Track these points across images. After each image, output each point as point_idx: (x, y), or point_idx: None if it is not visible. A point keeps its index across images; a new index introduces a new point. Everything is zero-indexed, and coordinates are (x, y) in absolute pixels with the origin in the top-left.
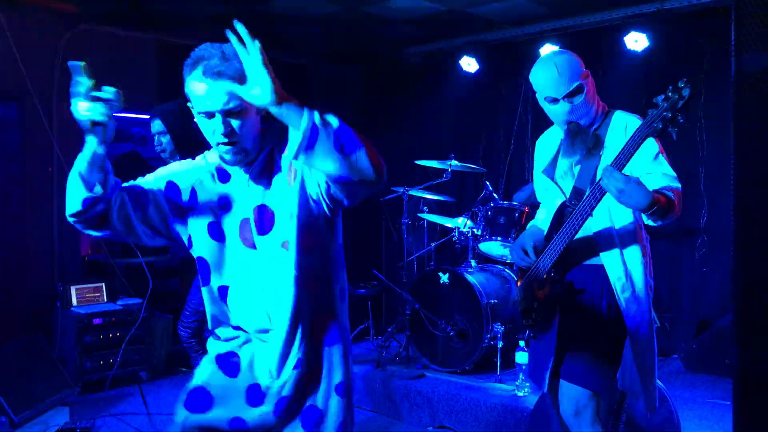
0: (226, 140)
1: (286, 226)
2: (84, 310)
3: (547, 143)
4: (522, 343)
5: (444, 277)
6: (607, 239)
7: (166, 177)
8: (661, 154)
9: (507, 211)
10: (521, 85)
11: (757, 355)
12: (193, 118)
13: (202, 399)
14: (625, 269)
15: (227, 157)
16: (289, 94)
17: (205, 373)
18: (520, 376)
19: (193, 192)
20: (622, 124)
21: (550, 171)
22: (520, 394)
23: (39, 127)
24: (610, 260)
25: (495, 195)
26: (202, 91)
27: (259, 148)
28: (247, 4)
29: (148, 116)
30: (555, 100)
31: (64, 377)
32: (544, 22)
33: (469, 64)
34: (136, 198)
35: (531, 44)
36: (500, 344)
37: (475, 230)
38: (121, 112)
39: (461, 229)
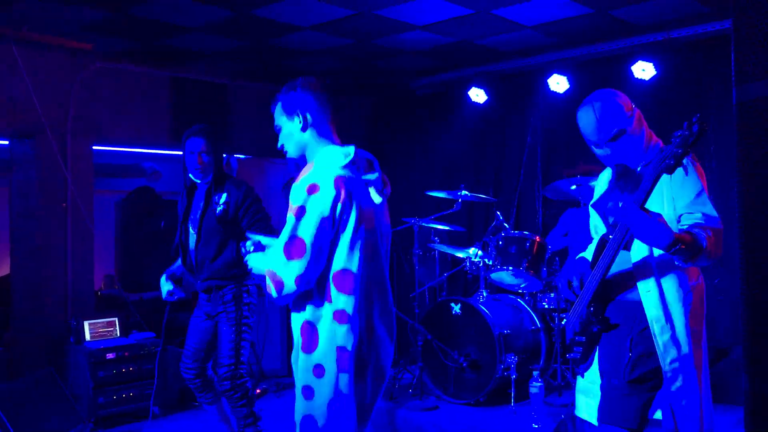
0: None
1: None
2: (97, 344)
3: (604, 178)
4: (536, 374)
5: (456, 308)
6: (644, 269)
7: None
8: (704, 193)
9: (518, 241)
10: (530, 114)
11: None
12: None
13: None
14: (663, 307)
15: None
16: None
17: None
18: (534, 407)
19: None
20: None
21: (602, 205)
22: (535, 426)
23: (53, 164)
24: (646, 295)
25: (506, 224)
26: None
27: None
28: (260, 38)
29: (162, 151)
30: (598, 145)
31: (77, 412)
32: (551, 52)
33: (477, 94)
34: None
35: (539, 74)
36: (514, 375)
37: (486, 260)
38: (136, 148)
39: (472, 259)
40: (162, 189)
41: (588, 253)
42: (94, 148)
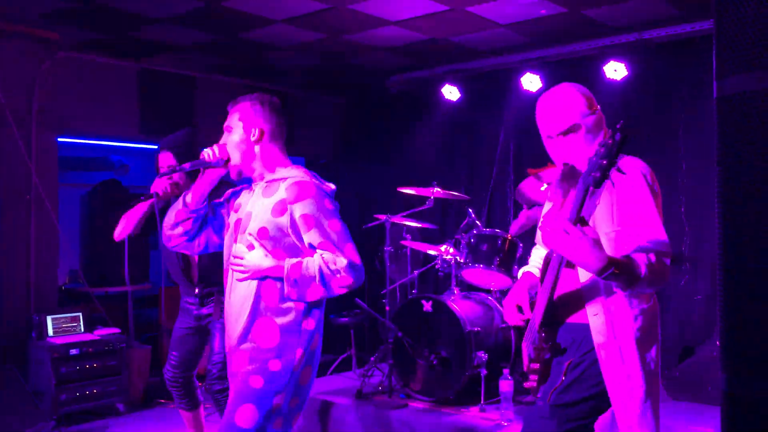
0: None
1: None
2: (60, 340)
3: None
4: (506, 371)
5: (427, 305)
6: (592, 290)
7: None
8: (654, 212)
9: (490, 239)
10: (503, 113)
11: (746, 383)
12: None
13: None
14: (610, 332)
15: None
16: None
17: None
18: (504, 404)
19: None
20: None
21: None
22: (504, 423)
23: (17, 155)
24: (593, 318)
25: (478, 222)
26: None
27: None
28: (230, 32)
29: (130, 144)
30: (550, 137)
31: (39, 410)
32: (524, 51)
33: (450, 92)
34: None
35: (511, 73)
36: (484, 372)
37: (458, 257)
38: (103, 140)
39: (444, 257)
40: (130, 182)
41: (532, 267)
42: (61, 140)
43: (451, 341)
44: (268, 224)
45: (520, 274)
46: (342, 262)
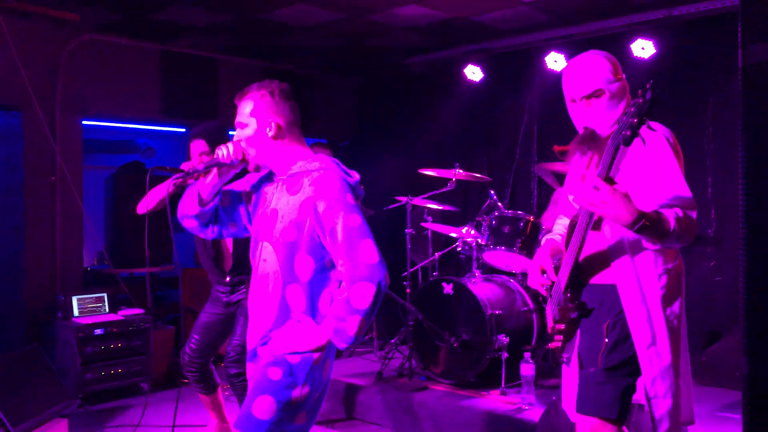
0: None
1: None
2: (85, 320)
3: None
4: (527, 355)
5: (448, 288)
6: (618, 250)
7: None
8: (678, 171)
9: (512, 221)
10: (526, 93)
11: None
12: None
13: None
14: (637, 290)
15: None
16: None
17: None
18: (525, 388)
19: None
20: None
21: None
22: (525, 407)
23: (42, 137)
24: (620, 278)
25: (499, 204)
26: None
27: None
28: (250, 12)
29: (155, 127)
30: (573, 100)
31: (64, 389)
32: (548, 30)
33: (473, 72)
34: None
35: (535, 52)
36: (505, 356)
37: (479, 240)
38: (126, 123)
39: (465, 239)
40: (155, 165)
41: (555, 234)
42: (88, 123)
43: (472, 324)
44: (295, 224)
45: (543, 240)
46: (354, 291)
